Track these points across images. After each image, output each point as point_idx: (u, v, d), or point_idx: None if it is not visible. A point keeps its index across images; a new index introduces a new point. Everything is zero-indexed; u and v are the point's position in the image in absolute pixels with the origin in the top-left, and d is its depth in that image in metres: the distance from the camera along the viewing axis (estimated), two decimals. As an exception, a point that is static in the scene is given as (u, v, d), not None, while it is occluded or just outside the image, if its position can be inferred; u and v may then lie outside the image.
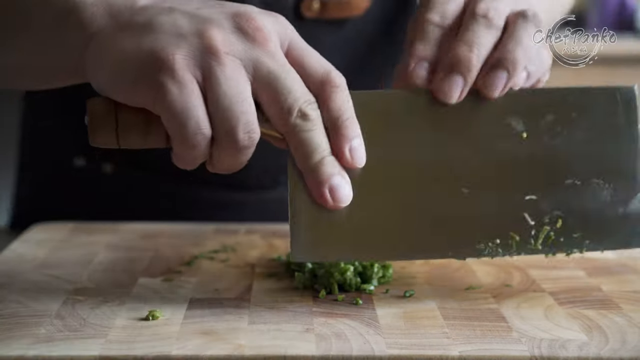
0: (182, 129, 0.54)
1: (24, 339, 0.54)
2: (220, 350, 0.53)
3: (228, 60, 0.54)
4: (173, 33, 0.54)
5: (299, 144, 0.56)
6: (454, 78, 0.60)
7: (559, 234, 0.62)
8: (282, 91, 0.55)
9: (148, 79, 0.54)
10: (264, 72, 0.55)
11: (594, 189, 0.62)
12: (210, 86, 0.53)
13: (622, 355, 0.53)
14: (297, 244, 0.59)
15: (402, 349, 0.53)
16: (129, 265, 0.71)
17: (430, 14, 0.62)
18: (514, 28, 0.61)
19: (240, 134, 0.54)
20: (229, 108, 0.53)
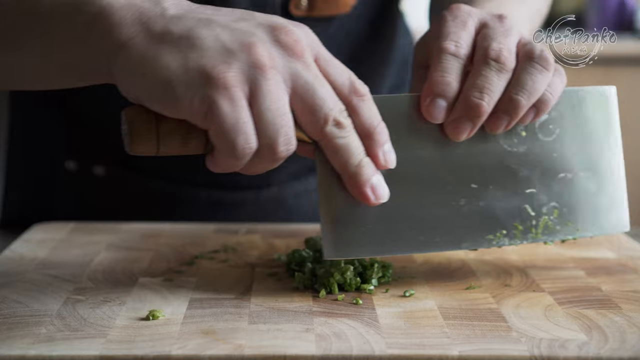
0: (232, 143, 0.55)
1: (24, 339, 0.54)
2: (220, 350, 0.53)
3: (272, 74, 0.55)
4: (219, 48, 0.55)
5: (337, 150, 0.58)
6: (463, 123, 0.62)
7: (555, 223, 0.67)
8: (318, 101, 0.57)
9: (199, 96, 0.54)
10: (301, 83, 0.56)
11: (582, 181, 0.67)
12: (256, 101, 0.55)
13: (622, 355, 0.53)
14: (329, 243, 0.62)
15: (402, 348, 0.54)
16: (129, 265, 0.71)
17: (445, 43, 0.63)
18: (520, 72, 0.62)
19: (280, 146, 0.56)
20: (272, 122, 0.55)
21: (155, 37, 0.56)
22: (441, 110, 0.62)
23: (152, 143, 0.57)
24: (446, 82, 0.62)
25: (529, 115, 0.64)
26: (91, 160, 0.93)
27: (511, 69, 0.62)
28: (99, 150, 0.93)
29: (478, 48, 0.63)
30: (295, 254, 0.69)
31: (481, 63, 0.62)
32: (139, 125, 0.57)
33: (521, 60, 0.63)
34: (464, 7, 0.66)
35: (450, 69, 0.62)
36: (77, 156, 0.93)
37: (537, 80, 0.62)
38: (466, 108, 0.61)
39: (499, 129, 0.63)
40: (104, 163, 0.92)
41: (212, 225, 0.85)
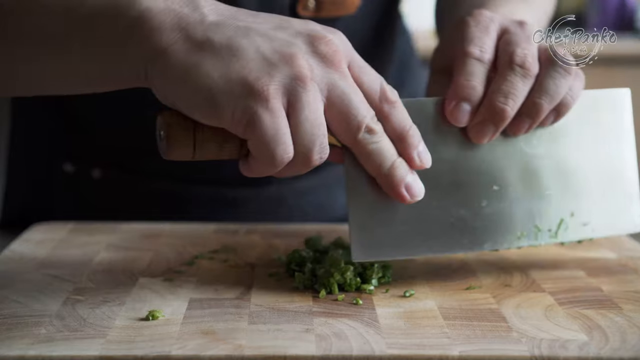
0: (271, 153, 0.56)
1: (24, 339, 0.54)
2: (220, 350, 0.53)
3: (311, 85, 0.56)
4: (260, 60, 0.56)
5: (370, 154, 0.60)
6: (487, 126, 0.63)
7: (572, 224, 0.68)
8: (352, 110, 0.58)
9: (240, 107, 0.55)
10: (337, 93, 0.57)
11: (597, 183, 0.68)
12: (295, 112, 0.56)
13: (622, 355, 0.53)
14: (357, 245, 0.63)
15: (402, 349, 0.53)
16: (129, 265, 0.71)
17: (470, 47, 0.64)
18: (544, 77, 0.63)
19: (315, 155, 0.58)
20: (310, 132, 0.57)
21: (196, 44, 0.56)
22: (465, 113, 0.63)
23: (189, 149, 0.57)
24: (471, 86, 0.63)
25: (549, 118, 0.65)
26: (89, 163, 0.93)
27: (535, 74, 0.63)
28: (97, 154, 0.93)
29: (502, 53, 0.64)
30: (295, 254, 0.69)
31: (506, 68, 0.63)
32: (176, 131, 0.57)
33: (544, 64, 0.64)
34: (486, 12, 0.67)
35: (475, 73, 0.63)
36: (75, 159, 0.93)
37: (559, 84, 0.63)
38: (490, 112, 0.63)
39: (521, 131, 0.65)
40: (102, 166, 0.92)
41: (212, 225, 0.85)
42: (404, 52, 1.02)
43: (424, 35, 2.60)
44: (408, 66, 1.04)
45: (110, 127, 0.91)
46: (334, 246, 0.72)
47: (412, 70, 1.05)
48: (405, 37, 1.04)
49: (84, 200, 0.94)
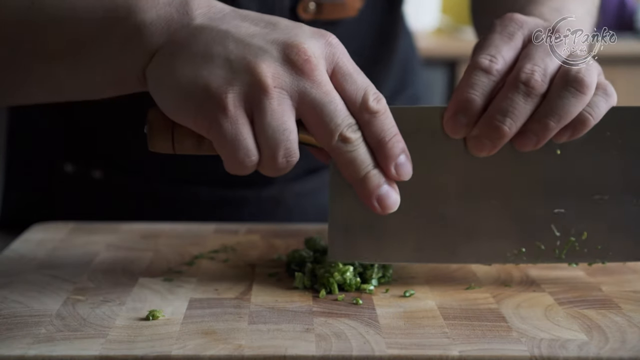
0: (233, 155, 0.58)
1: (24, 339, 0.54)
2: (220, 350, 0.53)
3: (275, 94, 0.57)
4: (226, 68, 0.57)
5: (344, 162, 0.59)
6: (484, 142, 0.61)
7: (583, 245, 0.65)
8: (325, 117, 0.58)
9: (203, 111, 0.57)
10: (308, 100, 0.58)
11: (621, 204, 0.64)
12: (258, 118, 0.57)
13: (622, 355, 0.53)
14: (334, 246, 0.64)
15: (402, 348, 0.54)
16: (129, 265, 0.71)
17: (480, 57, 0.61)
18: (552, 95, 0.60)
19: (280, 159, 0.58)
20: (272, 137, 0.57)
21: (176, 49, 0.58)
22: (461, 126, 0.61)
23: (168, 143, 0.61)
24: (470, 99, 0.60)
25: (564, 134, 0.62)
26: (89, 163, 0.93)
27: (540, 93, 0.60)
28: (97, 154, 0.93)
29: (515, 67, 0.61)
30: (295, 254, 0.69)
31: (510, 85, 0.60)
32: (156, 126, 0.60)
33: (556, 81, 0.60)
34: (517, 17, 0.63)
35: (476, 85, 0.60)
36: (75, 159, 0.93)
37: (569, 103, 0.59)
38: (488, 128, 0.61)
39: (527, 147, 0.62)
40: (102, 166, 0.92)
41: (212, 225, 0.85)
42: (406, 53, 1.02)
43: (424, 35, 2.61)
44: (410, 67, 1.04)
45: (110, 128, 0.91)
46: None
47: (414, 72, 1.05)
48: (407, 38, 1.04)
49: (84, 200, 0.94)
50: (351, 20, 0.87)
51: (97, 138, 0.92)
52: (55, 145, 0.94)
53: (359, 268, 0.65)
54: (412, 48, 1.06)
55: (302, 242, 0.75)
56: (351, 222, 0.63)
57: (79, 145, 0.93)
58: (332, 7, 0.85)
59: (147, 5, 0.59)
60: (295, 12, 0.84)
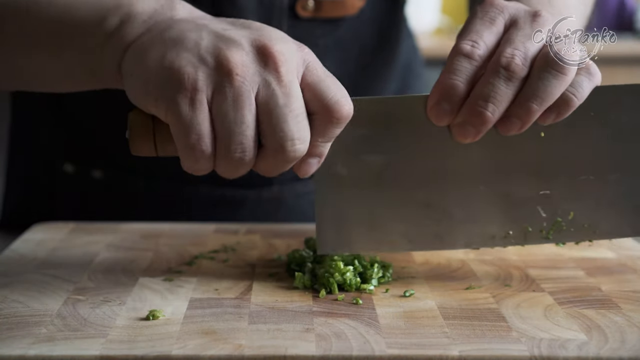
0: (185, 142, 0.57)
1: (24, 339, 0.54)
2: (220, 350, 0.53)
3: (238, 81, 0.56)
4: (194, 52, 0.57)
5: (276, 159, 0.59)
6: (468, 128, 0.61)
7: (569, 225, 0.66)
8: (276, 118, 0.57)
9: (164, 92, 0.57)
10: (268, 94, 0.57)
11: (607, 183, 0.65)
12: (217, 105, 0.57)
13: (622, 355, 0.53)
14: (323, 238, 0.64)
15: (402, 348, 0.54)
16: (129, 265, 0.71)
17: (462, 42, 0.61)
18: (533, 77, 0.60)
19: (233, 153, 0.57)
20: (228, 127, 0.57)
21: (153, 37, 0.59)
22: (444, 113, 0.61)
23: (150, 146, 0.60)
24: (453, 86, 0.60)
25: (548, 116, 0.61)
26: (89, 163, 0.93)
27: (521, 77, 0.60)
28: (97, 154, 0.93)
29: (496, 52, 0.61)
30: (295, 254, 0.69)
31: (491, 70, 0.60)
32: (136, 129, 0.60)
33: (536, 64, 0.60)
34: (498, 2, 0.63)
35: (459, 71, 0.60)
36: (75, 160, 0.93)
37: (550, 85, 0.59)
38: (471, 115, 0.60)
39: (511, 131, 0.61)
40: (102, 166, 0.92)
41: (212, 225, 0.85)
42: (409, 55, 1.02)
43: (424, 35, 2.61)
44: (412, 70, 1.03)
45: (109, 128, 0.91)
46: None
47: (417, 74, 1.05)
48: (409, 40, 1.04)
49: (84, 200, 0.94)
50: (352, 19, 0.87)
51: (97, 138, 0.92)
52: (55, 145, 0.94)
53: (359, 268, 0.65)
54: (414, 50, 1.06)
55: (302, 242, 0.75)
56: (339, 213, 0.64)
57: (79, 145, 0.93)
58: (331, 5, 0.84)
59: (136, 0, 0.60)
60: (294, 9, 0.83)
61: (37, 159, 0.96)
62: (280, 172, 0.60)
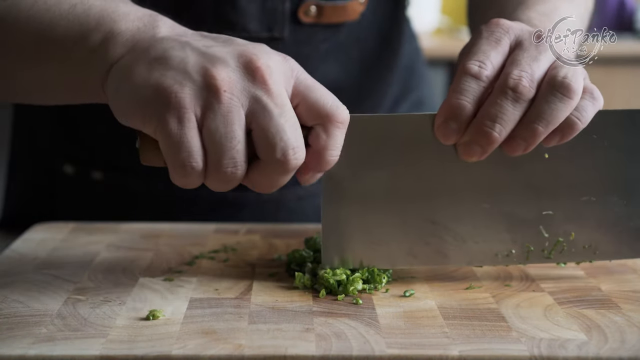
0: (175, 158, 0.57)
1: (25, 339, 0.54)
2: (220, 350, 0.53)
3: (226, 98, 0.57)
4: (180, 70, 0.57)
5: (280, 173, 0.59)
6: (474, 148, 0.62)
7: (570, 245, 0.66)
8: (272, 129, 0.57)
9: (150, 110, 0.57)
10: (260, 107, 0.57)
11: (608, 205, 0.66)
12: (206, 122, 0.57)
13: (622, 355, 0.53)
14: (327, 251, 0.65)
15: (402, 348, 0.54)
16: (129, 265, 0.71)
17: (469, 63, 0.62)
18: (540, 100, 0.61)
19: (225, 168, 0.58)
20: (218, 142, 0.57)
21: (136, 55, 0.59)
22: (451, 132, 0.62)
23: (159, 157, 0.60)
24: (460, 106, 0.61)
25: (552, 138, 0.62)
26: (89, 165, 0.93)
27: (529, 98, 0.61)
28: (97, 155, 0.93)
29: (502, 72, 0.62)
30: (295, 254, 0.69)
31: (498, 91, 0.61)
32: (146, 140, 0.60)
33: (543, 87, 0.61)
34: (504, 22, 0.64)
35: (466, 91, 0.61)
36: (75, 161, 0.93)
37: (556, 108, 0.60)
38: (477, 134, 0.61)
39: (516, 152, 0.62)
40: (102, 168, 0.92)
41: (212, 225, 0.85)
42: (411, 57, 1.02)
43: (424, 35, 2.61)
44: (415, 71, 1.03)
45: (109, 130, 0.91)
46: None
47: (419, 75, 1.05)
48: (412, 42, 1.04)
49: (84, 201, 0.94)
50: (353, 23, 0.87)
51: (97, 139, 0.92)
52: (55, 146, 0.94)
53: (365, 274, 0.65)
54: (417, 52, 1.06)
55: (302, 242, 0.75)
56: (344, 227, 0.64)
57: (79, 146, 0.93)
58: (333, 10, 0.84)
59: (118, 17, 0.61)
60: (296, 15, 0.84)
61: (38, 160, 0.96)
62: (278, 186, 0.60)
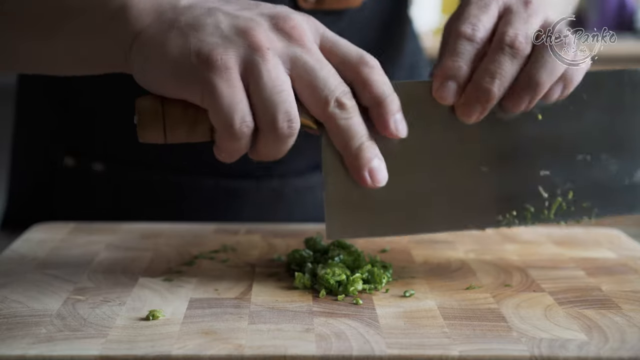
0: (229, 122, 0.57)
1: (24, 339, 0.54)
2: (220, 350, 0.53)
3: (269, 55, 0.58)
4: (217, 34, 0.58)
5: (338, 131, 0.60)
6: (474, 106, 0.63)
7: (570, 204, 0.68)
8: (319, 83, 0.59)
9: (197, 77, 0.57)
10: (301, 65, 0.59)
11: (602, 163, 0.67)
12: (253, 79, 0.58)
13: (622, 355, 0.53)
14: (332, 224, 0.64)
15: (402, 348, 0.54)
16: (129, 265, 0.71)
17: (462, 26, 0.64)
18: (539, 51, 0.63)
19: (280, 122, 0.58)
20: (269, 98, 0.57)
21: (166, 25, 0.59)
22: (451, 91, 0.63)
23: (159, 132, 0.60)
24: (457, 67, 0.63)
25: (553, 92, 0.64)
26: (90, 156, 0.93)
27: (525, 55, 0.63)
28: (98, 146, 0.93)
29: (496, 34, 0.64)
30: (295, 254, 0.69)
31: (495, 48, 0.63)
32: (146, 114, 0.60)
33: (537, 47, 0.63)
34: None
35: (463, 53, 0.63)
36: (76, 153, 0.93)
37: (557, 58, 0.62)
38: (476, 92, 0.63)
39: (520, 107, 0.64)
40: (103, 159, 0.92)
41: (212, 225, 0.85)
42: (414, 55, 1.02)
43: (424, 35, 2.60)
44: (417, 70, 1.03)
45: (110, 120, 0.91)
46: (334, 246, 0.72)
47: (421, 74, 1.05)
48: (415, 41, 1.04)
49: (86, 194, 0.94)
50: (354, 12, 0.87)
51: (97, 129, 0.92)
52: (55, 139, 0.94)
53: (365, 274, 0.65)
54: (420, 51, 1.06)
55: (302, 242, 0.75)
56: (347, 198, 0.64)
57: (79, 137, 0.93)
58: None
59: None
60: (296, 0, 0.83)
61: (38, 155, 0.96)
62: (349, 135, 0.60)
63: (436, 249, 0.76)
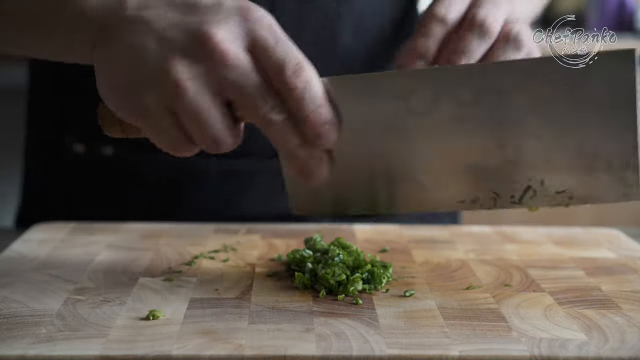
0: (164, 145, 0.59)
1: (24, 339, 0.54)
2: (220, 350, 0.53)
3: (188, 86, 0.56)
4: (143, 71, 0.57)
5: (273, 138, 0.58)
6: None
7: (542, 190, 0.65)
8: (247, 98, 0.56)
9: (132, 107, 0.58)
10: (227, 84, 0.56)
11: (585, 151, 0.64)
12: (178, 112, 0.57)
13: (622, 355, 0.53)
14: (294, 200, 0.66)
15: (402, 348, 0.54)
16: (129, 265, 0.71)
17: (436, 8, 0.67)
18: (499, 46, 0.68)
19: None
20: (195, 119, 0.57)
21: (107, 39, 0.59)
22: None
23: (117, 129, 0.64)
24: (427, 46, 0.66)
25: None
26: (100, 140, 0.93)
27: (494, 35, 0.66)
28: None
29: (468, 13, 0.67)
30: (295, 254, 0.69)
31: (466, 28, 0.66)
32: (105, 119, 0.64)
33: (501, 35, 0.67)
34: None
35: (432, 33, 0.67)
36: (86, 138, 0.93)
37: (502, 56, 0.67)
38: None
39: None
40: (112, 142, 0.92)
41: (212, 225, 0.85)
42: None
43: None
44: None
45: None
46: (334, 246, 0.72)
47: None
48: None
49: (97, 178, 0.94)
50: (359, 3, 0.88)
51: None
52: (64, 125, 0.94)
53: (365, 274, 0.65)
54: None
55: (302, 242, 0.75)
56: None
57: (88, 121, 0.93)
58: None
59: None
60: None
61: (48, 144, 0.96)
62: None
63: (436, 249, 0.77)
